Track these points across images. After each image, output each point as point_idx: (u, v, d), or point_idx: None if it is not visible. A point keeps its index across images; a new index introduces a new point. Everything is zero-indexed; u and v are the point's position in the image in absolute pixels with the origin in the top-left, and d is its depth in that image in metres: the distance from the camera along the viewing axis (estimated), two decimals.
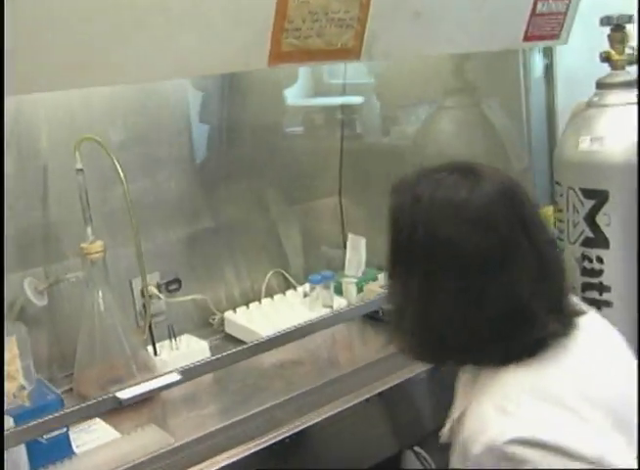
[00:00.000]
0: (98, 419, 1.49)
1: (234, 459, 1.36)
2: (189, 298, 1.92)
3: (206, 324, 2.00)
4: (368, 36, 1.30)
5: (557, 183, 1.69)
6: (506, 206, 1.03)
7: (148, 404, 1.56)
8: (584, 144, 1.60)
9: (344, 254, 2.15)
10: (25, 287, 1.63)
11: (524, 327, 1.02)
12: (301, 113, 2.20)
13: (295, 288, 2.11)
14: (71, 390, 1.67)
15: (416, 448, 1.72)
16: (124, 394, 1.19)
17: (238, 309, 1.98)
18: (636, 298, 1.60)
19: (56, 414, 1.16)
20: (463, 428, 1.03)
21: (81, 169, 1.60)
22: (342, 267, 2.14)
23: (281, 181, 2.13)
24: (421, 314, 1.05)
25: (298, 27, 1.19)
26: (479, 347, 1.03)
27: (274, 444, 1.41)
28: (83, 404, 1.17)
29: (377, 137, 2.20)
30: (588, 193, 1.62)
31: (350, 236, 2.11)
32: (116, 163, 1.59)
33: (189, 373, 1.30)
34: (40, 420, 1.14)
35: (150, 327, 1.76)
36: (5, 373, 1.19)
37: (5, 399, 1.19)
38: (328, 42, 1.25)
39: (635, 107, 1.60)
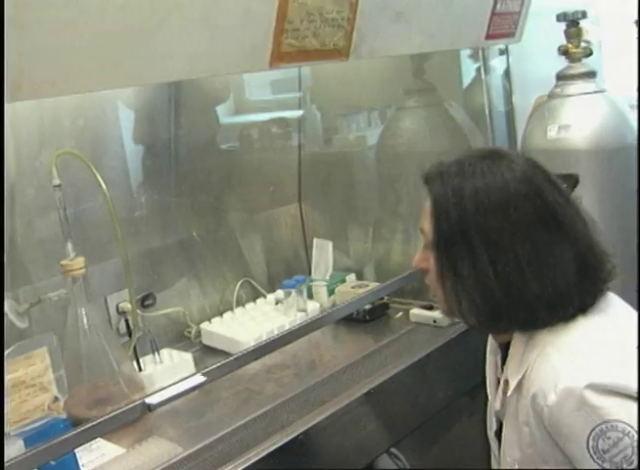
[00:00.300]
0: (98, 438, 1.46)
1: (251, 461, 1.36)
2: (168, 310, 1.90)
3: (182, 337, 1.98)
4: (356, 36, 1.33)
5: None
6: (539, 175, 1.14)
7: (142, 420, 1.54)
8: (552, 132, 1.70)
9: (307, 259, 2.18)
10: (7, 310, 1.58)
11: (593, 275, 1.11)
12: (257, 125, 2.22)
13: (264, 296, 2.12)
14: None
15: (392, 450, 1.75)
16: (153, 399, 1.17)
17: (213, 320, 1.98)
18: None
19: (82, 428, 1.12)
20: (531, 386, 1.08)
21: (59, 185, 1.57)
22: (306, 272, 2.16)
23: (241, 192, 2.14)
24: (494, 286, 1.10)
25: (297, 28, 1.22)
26: (550, 306, 1.09)
27: (287, 443, 1.42)
28: (111, 414, 1.14)
29: (333, 143, 2.24)
30: (559, 178, 1.70)
31: (316, 240, 2.14)
32: (97, 175, 1.58)
33: (212, 374, 1.29)
34: (72, 432, 1.10)
35: (135, 349, 1.73)
36: (36, 385, 1.15)
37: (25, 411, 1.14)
38: (322, 42, 1.28)
39: (593, 96, 1.72)
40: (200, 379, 1.24)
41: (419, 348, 1.77)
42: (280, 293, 2.04)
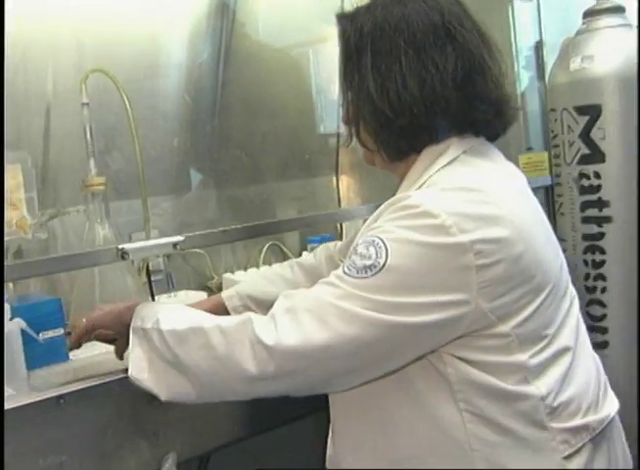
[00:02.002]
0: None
1: None
2: (190, 250, 1.90)
3: (204, 288, 1.97)
4: None
5: (552, 110, 1.75)
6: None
7: None
8: (575, 64, 1.67)
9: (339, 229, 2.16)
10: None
11: (480, 82, 1.10)
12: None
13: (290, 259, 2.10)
14: (69, 334, 1.63)
15: None
16: (128, 245, 1.16)
17: (236, 272, 1.97)
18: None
19: (59, 255, 1.11)
20: None
21: (87, 103, 1.63)
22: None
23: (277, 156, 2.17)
24: (386, 98, 1.10)
25: None
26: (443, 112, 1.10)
27: None
28: (86, 251, 1.15)
29: None
30: (582, 110, 1.68)
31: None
32: (125, 98, 1.62)
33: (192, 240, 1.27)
34: (47, 257, 1.10)
35: (149, 276, 1.74)
36: (6, 200, 1.15)
37: (5, 227, 1.15)
38: None
39: (618, 29, 1.71)
40: (178, 238, 1.23)
41: None
42: (305, 254, 2.02)
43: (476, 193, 1.04)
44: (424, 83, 1.08)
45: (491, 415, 1.04)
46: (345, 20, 1.17)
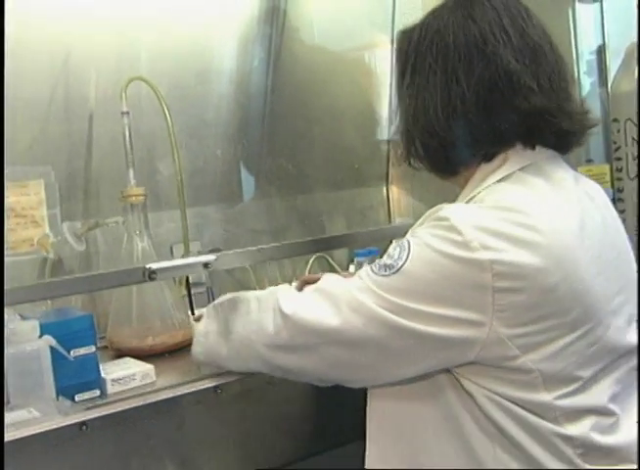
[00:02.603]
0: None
1: None
2: (232, 266, 1.85)
3: None
4: None
5: (614, 120, 1.66)
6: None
7: None
8: None
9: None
10: (65, 231, 1.59)
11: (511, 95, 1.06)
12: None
13: (338, 273, 2.04)
14: (105, 347, 1.59)
15: None
16: (156, 265, 1.11)
17: (280, 285, 1.91)
18: None
19: (80, 276, 1.08)
20: None
21: (127, 112, 1.59)
22: None
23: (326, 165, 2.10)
24: (413, 117, 1.13)
25: None
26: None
27: None
28: (110, 271, 1.10)
29: None
30: None
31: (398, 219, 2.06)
32: (164, 104, 1.58)
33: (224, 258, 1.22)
34: (67, 278, 1.06)
35: (188, 289, 1.69)
36: (27, 217, 1.11)
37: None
38: None
39: None
40: (210, 257, 1.17)
41: None
42: (352, 268, 1.96)
43: (514, 213, 1.00)
44: (447, 101, 1.09)
45: (521, 444, 1.00)
46: (400, 35, 1.19)
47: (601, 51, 2.00)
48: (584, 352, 1.00)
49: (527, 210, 1.00)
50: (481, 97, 1.07)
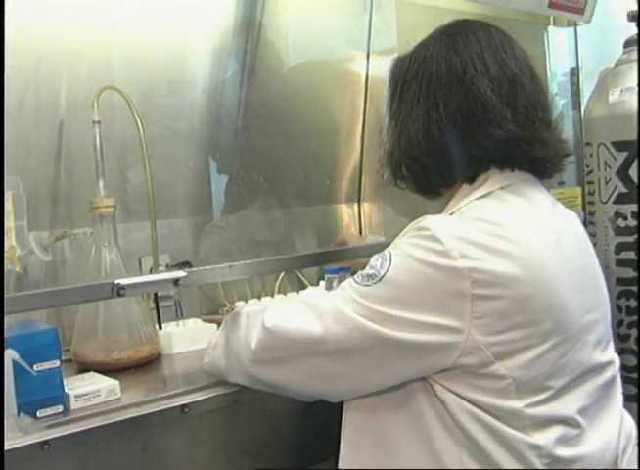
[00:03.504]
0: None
1: None
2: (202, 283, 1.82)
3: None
4: None
5: (587, 144, 1.66)
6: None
7: None
8: (614, 96, 1.59)
9: None
10: (31, 240, 1.55)
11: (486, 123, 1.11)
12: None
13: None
14: (70, 361, 1.55)
15: None
16: (125, 281, 1.08)
17: (250, 301, 1.89)
18: None
19: (47, 290, 1.05)
20: None
21: (99, 122, 1.56)
22: None
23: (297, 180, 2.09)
24: (398, 143, 1.18)
25: None
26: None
27: None
28: (78, 285, 1.07)
29: None
30: (620, 145, 1.60)
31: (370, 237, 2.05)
32: (136, 115, 1.56)
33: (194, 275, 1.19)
34: (35, 291, 1.02)
35: (156, 303, 1.67)
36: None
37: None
38: None
39: None
40: (180, 274, 1.15)
41: None
42: (322, 284, 1.94)
43: (492, 225, 1.04)
44: (427, 128, 1.14)
45: (488, 452, 1.02)
46: (393, 62, 1.24)
47: (574, 73, 2.02)
48: (556, 362, 1.04)
49: (505, 223, 1.05)
50: (459, 124, 1.12)
